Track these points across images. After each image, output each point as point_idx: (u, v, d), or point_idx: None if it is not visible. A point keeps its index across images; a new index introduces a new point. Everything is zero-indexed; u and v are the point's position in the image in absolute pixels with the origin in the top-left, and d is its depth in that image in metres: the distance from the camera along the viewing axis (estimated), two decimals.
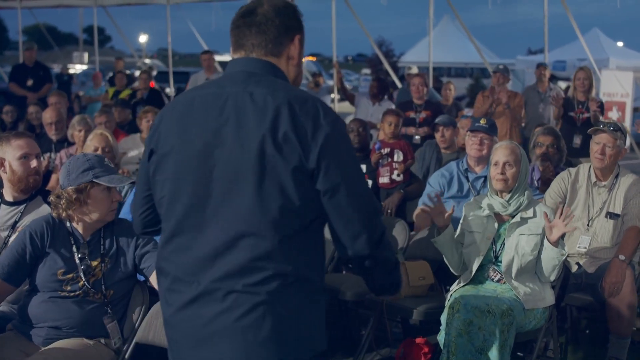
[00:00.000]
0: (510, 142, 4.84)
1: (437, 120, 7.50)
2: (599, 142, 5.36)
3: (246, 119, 2.42)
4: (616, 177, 5.40)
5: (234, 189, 2.42)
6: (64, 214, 3.83)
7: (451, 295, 4.61)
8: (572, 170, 5.58)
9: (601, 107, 9.13)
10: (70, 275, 3.80)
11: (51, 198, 3.88)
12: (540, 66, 11.36)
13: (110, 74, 18.12)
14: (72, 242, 3.86)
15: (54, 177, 6.73)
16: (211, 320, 2.43)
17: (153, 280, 3.85)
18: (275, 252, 2.40)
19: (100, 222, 3.90)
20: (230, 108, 2.46)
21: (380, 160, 6.90)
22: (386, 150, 6.96)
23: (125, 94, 13.57)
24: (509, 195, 4.70)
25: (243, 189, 2.41)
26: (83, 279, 3.79)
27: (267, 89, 2.46)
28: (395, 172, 6.86)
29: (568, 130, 9.25)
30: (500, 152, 4.72)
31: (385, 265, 2.58)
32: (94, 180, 3.79)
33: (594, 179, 5.44)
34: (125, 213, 5.19)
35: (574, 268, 5.32)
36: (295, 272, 2.43)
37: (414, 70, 13.33)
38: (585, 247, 5.33)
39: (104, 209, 3.86)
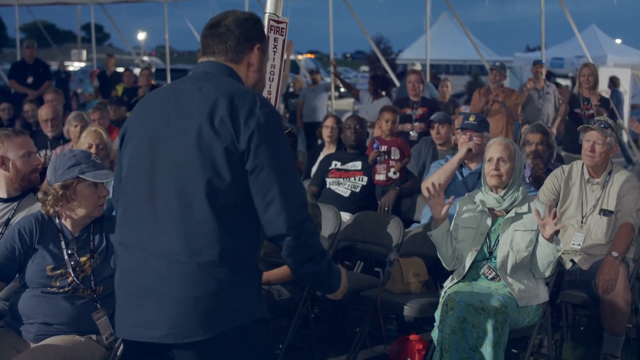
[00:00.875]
0: (505, 139, 4.82)
1: (432, 117, 7.51)
2: (589, 139, 5.35)
3: (192, 107, 2.75)
4: (609, 174, 5.39)
5: (175, 168, 2.72)
6: (51, 211, 3.84)
7: (445, 292, 4.61)
8: (566, 167, 5.57)
9: (602, 102, 9.10)
10: (59, 271, 3.80)
11: (39, 195, 3.89)
12: (537, 64, 11.34)
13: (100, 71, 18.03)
14: (61, 238, 3.86)
15: None
16: (148, 287, 2.71)
17: None
18: (208, 225, 2.67)
19: (88, 218, 3.90)
20: (182, 99, 2.80)
21: (378, 158, 6.90)
22: (384, 147, 6.96)
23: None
24: (503, 191, 4.69)
25: (182, 167, 2.71)
26: (72, 274, 3.80)
27: (215, 83, 2.80)
28: (392, 169, 6.85)
29: (574, 128, 9.19)
30: (494, 149, 4.72)
31: (306, 251, 2.78)
32: (80, 175, 3.80)
33: (587, 176, 5.43)
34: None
35: (569, 265, 5.31)
36: (226, 246, 2.68)
37: (417, 67, 13.31)
38: (579, 244, 5.32)
39: (91, 204, 3.86)
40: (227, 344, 2.71)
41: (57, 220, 3.89)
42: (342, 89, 24.37)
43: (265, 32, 4.35)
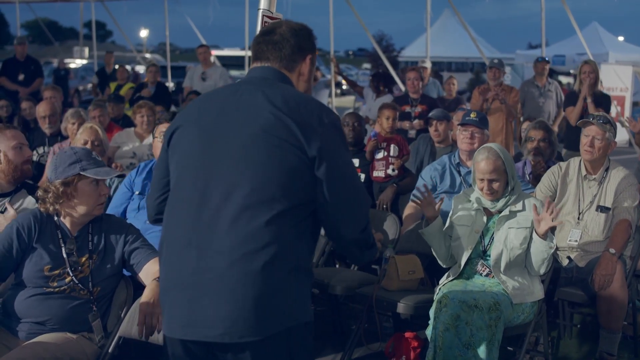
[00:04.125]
0: (490, 153, 4.64)
1: (430, 114, 7.48)
2: (588, 134, 5.33)
3: (256, 110, 2.74)
4: (606, 170, 5.37)
5: (236, 167, 2.70)
6: (51, 208, 3.78)
7: (439, 289, 4.60)
8: (563, 164, 5.56)
9: (603, 98, 9.06)
10: (57, 272, 3.76)
11: (38, 192, 3.84)
12: (542, 61, 11.23)
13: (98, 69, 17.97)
14: (60, 236, 3.81)
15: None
16: (205, 284, 2.67)
17: (142, 275, 3.82)
18: (271, 226, 2.65)
19: (87, 216, 3.85)
20: (244, 102, 2.79)
21: (376, 150, 6.88)
22: (383, 144, 6.94)
23: (127, 87, 13.46)
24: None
25: (245, 167, 2.70)
26: (71, 274, 3.75)
27: (278, 88, 2.81)
28: (391, 166, 6.83)
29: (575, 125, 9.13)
30: (483, 168, 4.61)
31: (368, 245, 2.91)
32: (81, 172, 3.75)
33: (584, 172, 5.42)
34: (112, 208, 5.16)
35: (565, 262, 5.30)
36: (286, 247, 2.68)
37: (428, 64, 13.29)
38: (576, 241, 5.30)
39: (92, 202, 3.82)
40: (276, 345, 2.71)
41: (56, 218, 3.84)
42: (345, 86, 24.35)
43: (259, 29, 4.36)
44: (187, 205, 2.75)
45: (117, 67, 15.18)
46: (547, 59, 11.67)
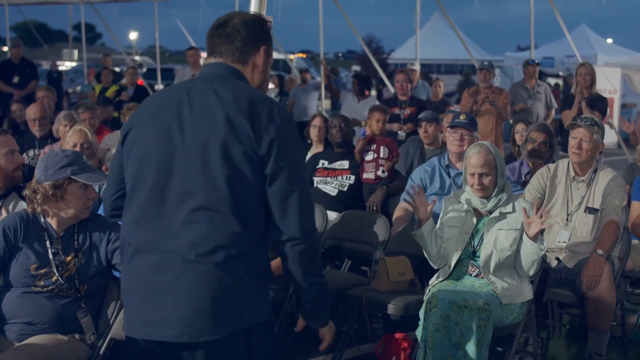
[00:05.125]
0: (481, 148, 4.70)
1: (420, 116, 7.51)
2: (576, 136, 5.37)
3: (208, 109, 2.75)
4: (594, 172, 5.41)
5: (191, 168, 2.72)
6: (39, 209, 3.81)
7: (429, 290, 4.62)
8: (552, 165, 5.59)
9: (599, 100, 9.11)
10: (43, 271, 3.78)
11: (26, 192, 3.86)
12: (532, 63, 11.23)
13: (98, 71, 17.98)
14: (46, 237, 3.84)
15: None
16: (164, 285, 2.70)
17: None
18: (227, 227, 2.68)
19: (74, 219, 3.88)
20: (196, 100, 2.79)
21: (365, 151, 6.89)
22: (373, 145, 6.96)
23: (112, 90, 13.47)
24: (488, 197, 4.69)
25: (199, 168, 2.71)
26: (56, 274, 3.78)
27: (230, 86, 2.81)
28: (381, 168, 6.85)
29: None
30: (475, 163, 4.64)
31: (315, 258, 2.83)
32: (72, 176, 3.78)
33: (572, 174, 5.45)
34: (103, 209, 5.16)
35: (554, 263, 5.32)
36: (242, 247, 2.70)
37: (417, 66, 13.32)
38: (564, 242, 5.33)
39: (80, 206, 3.84)
40: (234, 344, 2.73)
41: (42, 219, 3.87)
42: None
43: None
44: (145, 207, 2.77)
45: (118, 70, 15.19)
46: (536, 61, 11.70)
